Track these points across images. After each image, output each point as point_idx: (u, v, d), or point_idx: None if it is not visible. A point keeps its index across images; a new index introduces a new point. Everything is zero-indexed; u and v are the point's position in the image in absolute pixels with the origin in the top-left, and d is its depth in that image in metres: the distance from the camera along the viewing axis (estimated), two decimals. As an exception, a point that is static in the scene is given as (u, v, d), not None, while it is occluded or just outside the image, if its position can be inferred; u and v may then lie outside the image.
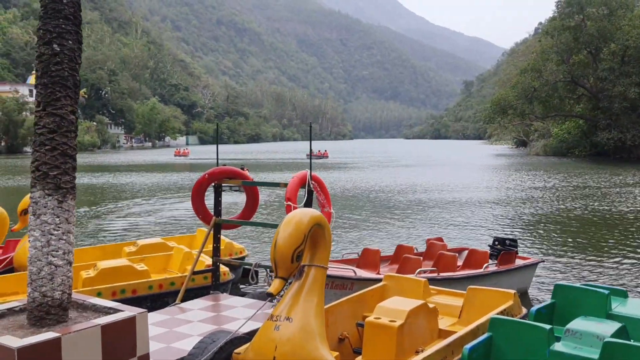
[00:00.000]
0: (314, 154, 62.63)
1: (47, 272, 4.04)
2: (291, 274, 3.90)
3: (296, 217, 3.98)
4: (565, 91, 48.25)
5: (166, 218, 15.85)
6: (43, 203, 4.05)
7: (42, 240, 4.04)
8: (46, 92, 4.10)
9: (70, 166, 4.18)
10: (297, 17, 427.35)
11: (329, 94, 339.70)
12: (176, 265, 7.51)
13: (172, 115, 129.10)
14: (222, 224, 6.27)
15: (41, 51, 4.12)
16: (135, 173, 36.06)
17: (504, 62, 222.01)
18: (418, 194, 21.73)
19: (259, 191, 6.60)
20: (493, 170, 36.38)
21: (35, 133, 4.15)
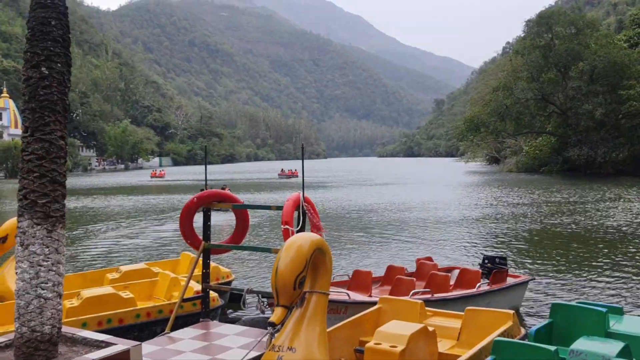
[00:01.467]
0: (284, 173, 63.36)
1: (35, 306, 3.85)
2: (294, 301, 3.78)
3: (297, 242, 3.87)
4: (536, 109, 49.24)
5: (147, 242, 15.49)
6: (31, 233, 3.87)
7: (30, 272, 3.86)
8: (34, 116, 3.95)
9: (60, 194, 4.02)
10: (269, 38, 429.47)
11: (302, 114, 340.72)
12: (162, 292, 7.28)
13: (145, 137, 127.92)
14: (212, 249, 6.11)
15: (28, 74, 3.98)
16: (111, 196, 35.40)
17: (473, 81, 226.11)
18: (401, 212, 21.73)
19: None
20: (470, 188, 36.73)
21: (22, 159, 3.98)
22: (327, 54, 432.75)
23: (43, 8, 4.01)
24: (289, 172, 62.82)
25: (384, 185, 41.13)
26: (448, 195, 30.39)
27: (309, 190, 36.74)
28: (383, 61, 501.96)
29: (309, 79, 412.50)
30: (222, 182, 36.44)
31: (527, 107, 48.18)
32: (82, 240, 15.84)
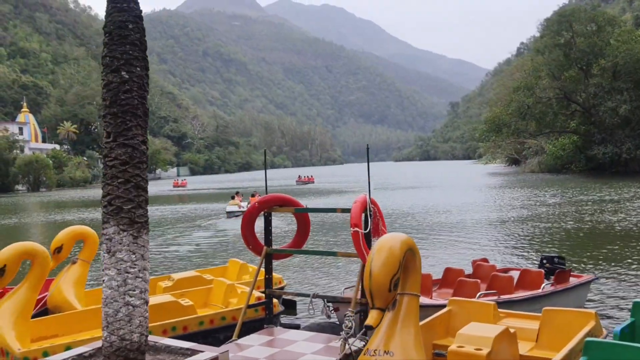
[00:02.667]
0: (300, 179, 64.05)
1: (124, 314, 3.78)
2: (389, 304, 3.67)
3: (388, 244, 3.77)
4: (558, 107, 48.67)
5: (185, 250, 15.42)
6: (118, 239, 3.81)
7: (118, 280, 3.79)
8: (116, 121, 3.89)
9: (144, 199, 3.96)
10: (282, 45, 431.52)
11: (317, 120, 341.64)
12: (219, 299, 7.21)
13: (163, 147, 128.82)
14: (273, 254, 6.03)
15: (108, 79, 3.92)
16: (157, 205, 35.49)
17: (488, 83, 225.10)
18: (438, 215, 21.34)
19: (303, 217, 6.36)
20: (499, 189, 36.17)
21: (105, 165, 3.92)
22: (339, 60, 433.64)
23: (120, 12, 3.96)
24: (305, 179, 63.79)
25: (412, 189, 40.78)
26: (479, 197, 29.99)
27: (333, 196, 36.65)
28: (396, 65, 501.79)
29: (323, 85, 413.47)
30: (252, 189, 36.36)
31: (549, 106, 47.65)
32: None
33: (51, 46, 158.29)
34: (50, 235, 20.38)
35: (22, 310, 5.73)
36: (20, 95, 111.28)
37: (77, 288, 7.23)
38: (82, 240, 7.56)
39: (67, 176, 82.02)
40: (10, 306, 5.69)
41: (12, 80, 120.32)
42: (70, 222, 25.40)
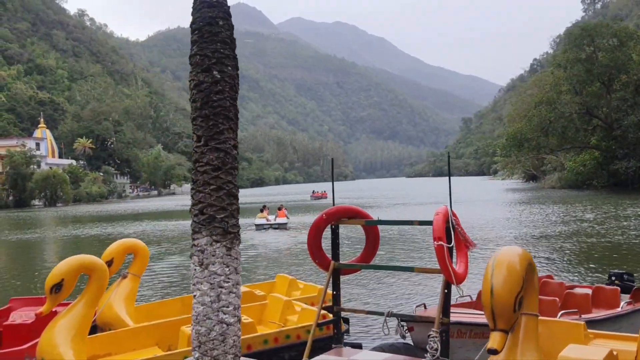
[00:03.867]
0: (315, 194, 64.32)
1: (218, 332, 3.47)
2: (512, 325, 3.34)
3: (507, 257, 3.44)
4: (580, 122, 48.13)
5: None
6: (211, 251, 3.51)
7: (211, 295, 3.49)
8: (208, 124, 3.61)
9: (236, 207, 3.67)
10: (294, 62, 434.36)
11: (328, 136, 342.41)
12: (276, 316, 6.87)
13: (177, 163, 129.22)
14: (342, 269, 5.70)
15: (199, 79, 3.65)
16: (164, 220, 35.18)
17: (501, 99, 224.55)
18: (479, 230, 20.23)
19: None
20: (527, 204, 35.22)
21: (196, 171, 3.64)
22: (351, 77, 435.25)
23: (210, 7, 3.71)
24: (318, 194, 64.71)
25: (434, 204, 40.04)
26: (511, 213, 29.27)
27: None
28: (408, 81, 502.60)
29: (334, 101, 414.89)
30: (274, 203, 36.04)
31: (571, 121, 47.10)
32: (159, 262, 15.50)
33: (67, 63, 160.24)
34: (77, 250, 20.20)
35: (79, 327, 5.44)
36: (37, 112, 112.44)
37: (127, 304, 6.95)
38: (132, 253, 7.29)
39: (84, 191, 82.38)
40: (67, 323, 5.40)
41: (29, 97, 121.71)
42: (96, 236, 25.23)
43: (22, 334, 6.45)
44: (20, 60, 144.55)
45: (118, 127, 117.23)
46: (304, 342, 6.02)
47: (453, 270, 4.73)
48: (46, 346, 5.28)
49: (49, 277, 5.35)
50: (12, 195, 71.53)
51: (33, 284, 13.25)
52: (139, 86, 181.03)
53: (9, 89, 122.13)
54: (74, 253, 17.78)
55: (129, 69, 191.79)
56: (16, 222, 41.03)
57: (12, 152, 72.80)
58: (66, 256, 16.44)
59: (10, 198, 71.09)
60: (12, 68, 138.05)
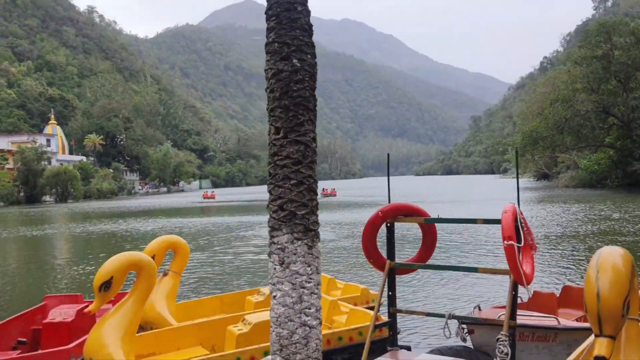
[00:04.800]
0: (325, 192, 64.15)
1: (301, 335, 3.28)
2: (619, 330, 3.12)
3: (610, 259, 3.22)
4: (596, 121, 47.64)
5: (248, 261, 14.74)
6: (292, 249, 3.32)
7: (293, 296, 3.29)
8: (287, 115, 3.41)
9: (316, 204, 3.48)
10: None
11: (336, 134, 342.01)
12: (322, 317, 6.67)
13: (187, 160, 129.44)
14: (397, 269, 5.49)
15: (278, 67, 3.45)
16: (178, 217, 34.99)
17: (510, 97, 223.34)
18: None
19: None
20: (547, 203, 34.37)
21: (274, 165, 3.44)
22: (360, 74, 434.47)
23: (287, -7, 3.52)
24: (328, 192, 64.62)
25: (451, 203, 39.49)
26: (533, 211, 28.80)
27: (366, 208, 36.02)
28: (416, 79, 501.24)
29: (343, 99, 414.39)
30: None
31: (587, 119, 46.62)
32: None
33: (77, 60, 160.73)
34: (96, 246, 20.11)
35: (128, 326, 5.27)
36: (47, 108, 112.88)
37: (169, 302, 6.78)
38: (173, 250, 7.12)
39: (94, 188, 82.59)
40: (116, 322, 5.23)
41: (39, 93, 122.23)
42: (113, 233, 25.12)
43: (62, 333, 6.29)
44: (30, 56, 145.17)
45: (128, 124, 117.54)
46: (356, 344, 5.84)
47: (524, 271, 4.54)
48: (95, 346, 5.11)
49: (98, 275, 5.18)
50: (24, 191, 71.77)
51: (59, 280, 13.14)
52: (148, 83, 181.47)
53: (19, 86, 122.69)
54: (93, 250, 17.67)
55: (138, 66, 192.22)
56: (29, 218, 41.08)
57: (23, 149, 73.05)
58: (86, 252, 16.39)
59: (22, 194, 71.32)
60: (22, 64, 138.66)
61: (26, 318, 6.97)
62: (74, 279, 13.09)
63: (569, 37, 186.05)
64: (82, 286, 11.93)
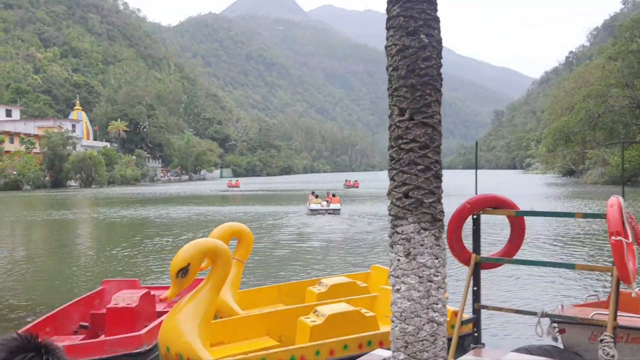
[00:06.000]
0: (348, 183, 64.09)
1: (428, 332, 3.05)
2: None
3: None
4: (631, 117, 46.57)
5: (292, 252, 14.41)
6: (419, 240, 3.08)
7: (420, 290, 3.07)
8: (414, 95, 3.17)
9: (442, 192, 3.24)
10: (324, 50, 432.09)
11: (357, 126, 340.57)
12: (387, 309, 6.43)
13: (208, 149, 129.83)
14: (482, 263, 5.23)
15: (403, 43, 3.20)
16: (208, 205, 34.83)
17: (534, 92, 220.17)
18: (551, 226, 19.21)
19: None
20: (582, 199, 33.52)
21: (398, 149, 3.20)
22: (381, 66, 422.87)
23: (411, -36, 3.25)
24: (350, 183, 64.63)
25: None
26: (572, 207, 28.18)
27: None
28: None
29: (364, 90, 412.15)
30: (321, 190, 35.37)
31: (621, 115, 45.60)
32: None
33: (102, 46, 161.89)
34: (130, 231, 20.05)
35: (204, 314, 5.12)
36: (72, 94, 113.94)
37: (233, 291, 6.62)
38: (237, 238, 6.94)
39: (118, 174, 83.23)
40: (192, 310, 5.07)
41: (65, 79, 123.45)
42: (145, 218, 25.15)
43: (126, 318, 6.17)
44: (56, 42, 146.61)
45: (151, 111, 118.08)
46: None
47: (632, 269, 4.25)
48: (171, 334, 4.96)
49: (175, 261, 5.01)
50: (49, 175, 72.55)
51: (104, 264, 13.09)
52: (171, 71, 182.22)
53: (45, 71, 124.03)
54: (129, 235, 17.55)
55: (162, 54, 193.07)
56: (57, 201, 41.44)
57: (50, 133, 73.78)
58: (124, 237, 16.32)
59: (47, 178, 72.10)
60: (49, 50, 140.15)
61: (85, 302, 6.88)
62: (120, 263, 13.02)
63: (596, 32, 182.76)
64: (125, 270, 11.86)
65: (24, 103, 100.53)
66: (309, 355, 5.02)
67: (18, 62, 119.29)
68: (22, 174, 65.09)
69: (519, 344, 5.86)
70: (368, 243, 15.71)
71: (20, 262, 13.56)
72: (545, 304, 7.58)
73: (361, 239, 16.46)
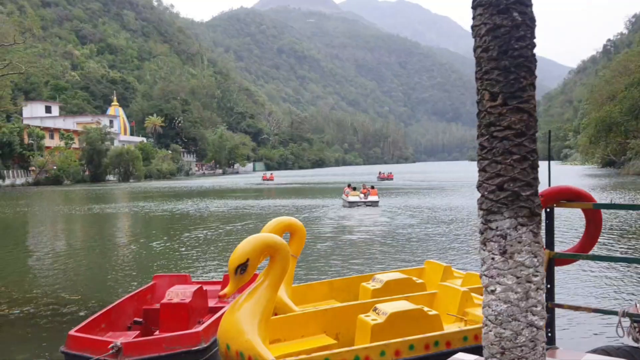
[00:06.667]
0: (382, 175, 63.81)
1: (527, 338, 2.79)
2: None
3: None
4: (677, 107, 44.88)
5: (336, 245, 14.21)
6: (516, 237, 2.82)
7: (518, 292, 2.80)
8: (507, 78, 2.90)
9: (539, 184, 2.97)
10: (355, 42, 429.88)
11: (388, 118, 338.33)
12: (452, 308, 6.17)
13: (241, 143, 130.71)
14: (557, 259, 4.93)
15: (494, 22, 2.93)
16: (250, 199, 34.82)
17: (571, 81, 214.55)
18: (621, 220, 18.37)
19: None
20: (633, 190, 32.79)
21: (489, 137, 2.94)
22: (414, 57, 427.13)
23: None
24: (384, 175, 64.63)
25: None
26: (628, 198, 27.20)
27: (449, 195, 35.23)
28: (472, 62, 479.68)
29: (396, 82, 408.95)
30: (357, 183, 35.07)
31: (669, 104, 44.01)
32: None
33: (137, 43, 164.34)
34: (175, 224, 20.14)
35: (264, 312, 4.95)
36: (108, 90, 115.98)
37: (287, 287, 6.44)
38: (289, 232, 6.76)
39: (155, 168, 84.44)
40: (252, 307, 4.90)
41: (101, 75, 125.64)
42: (187, 212, 25.28)
43: (181, 314, 6.07)
44: (92, 39, 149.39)
45: (185, 106, 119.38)
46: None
47: None
48: (232, 331, 4.80)
49: (234, 257, 4.85)
50: (89, 170, 74.04)
51: (151, 259, 13.12)
52: (205, 66, 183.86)
53: (82, 68, 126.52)
54: (170, 228, 17.45)
55: (195, 49, 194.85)
56: (97, 195, 42.17)
57: (88, 129, 75.27)
58: (168, 231, 16.26)
59: (86, 173, 73.59)
60: (85, 47, 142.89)
61: (138, 297, 6.82)
62: (164, 257, 13.03)
63: (635, 19, 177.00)
64: (170, 264, 11.85)
65: (62, 99, 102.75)
66: (374, 355, 4.81)
67: (56, 59, 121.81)
68: (62, 169, 66.53)
69: (591, 344, 5.54)
70: (414, 237, 15.37)
71: (66, 256, 13.71)
72: (619, 303, 7.22)
73: (405, 233, 16.12)
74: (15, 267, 12.33)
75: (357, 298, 7.02)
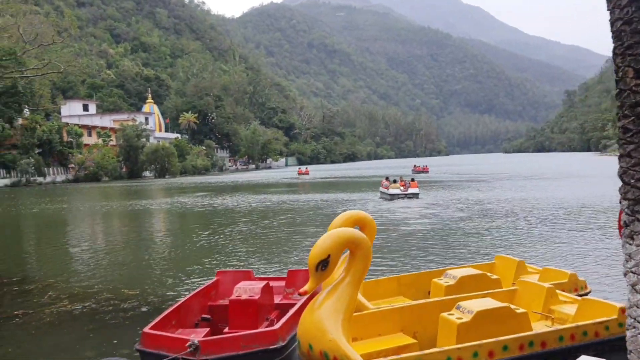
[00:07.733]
0: (418, 168, 63.25)
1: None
2: None
3: None
4: None
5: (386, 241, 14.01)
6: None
7: (674, 290, 2.51)
8: None
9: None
10: (386, 35, 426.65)
11: (420, 110, 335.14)
12: (535, 305, 5.84)
13: (274, 138, 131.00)
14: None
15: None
16: (290, 194, 34.82)
17: (609, 70, 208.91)
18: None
19: None
20: None
21: (635, 117, 2.65)
22: (446, 49, 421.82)
23: None
24: (420, 168, 64.38)
25: (583, 177, 36.74)
26: None
27: (495, 189, 34.56)
28: (505, 53, 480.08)
29: (427, 74, 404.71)
30: (395, 176, 34.63)
31: None
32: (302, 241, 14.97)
33: (169, 40, 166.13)
34: (214, 219, 20.18)
35: (346, 309, 4.72)
36: (143, 87, 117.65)
37: (359, 283, 6.19)
38: (360, 226, 6.51)
39: (190, 164, 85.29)
40: (334, 305, 4.68)
41: (136, 73, 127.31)
42: (229, 207, 25.31)
43: (250, 310, 5.89)
44: (126, 38, 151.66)
45: (218, 103, 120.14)
46: (600, 341, 5.00)
47: None
48: (314, 330, 4.59)
49: (315, 253, 4.62)
50: (126, 166, 75.18)
51: (205, 254, 13.06)
52: (237, 62, 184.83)
53: (117, 66, 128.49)
54: (214, 223, 17.18)
55: (227, 46, 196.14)
56: (135, 191, 42.65)
57: (125, 126, 76.36)
58: (210, 225, 16.11)
59: (124, 169, 74.74)
60: (120, 46, 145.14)
61: (203, 294, 6.68)
62: (216, 252, 12.94)
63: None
64: (223, 259, 11.74)
65: (99, 97, 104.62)
66: (467, 356, 4.54)
67: (92, 58, 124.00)
68: (101, 165, 67.69)
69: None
70: (470, 231, 14.89)
71: (115, 251, 13.77)
72: None
73: (458, 227, 15.68)
74: (70, 263, 12.42)
75: (427, 294, 6.76)
